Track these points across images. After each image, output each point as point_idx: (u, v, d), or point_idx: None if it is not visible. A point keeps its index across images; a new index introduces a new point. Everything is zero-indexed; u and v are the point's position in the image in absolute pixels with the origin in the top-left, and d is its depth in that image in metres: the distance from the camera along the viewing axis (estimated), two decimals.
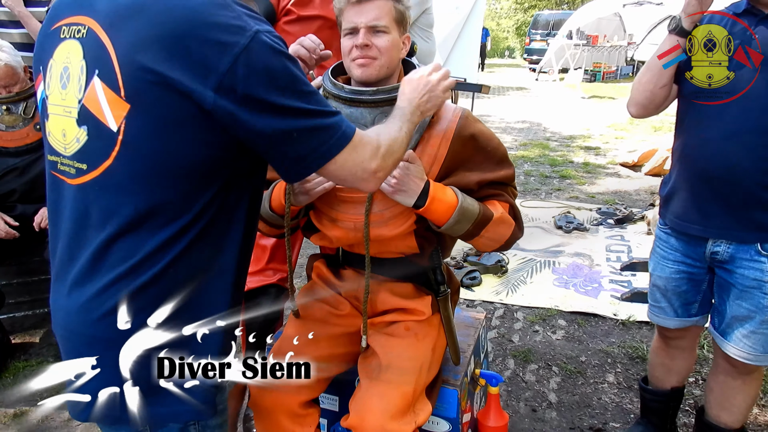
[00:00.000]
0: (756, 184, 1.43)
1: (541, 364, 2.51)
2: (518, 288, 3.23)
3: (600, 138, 7.67)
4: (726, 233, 1.51)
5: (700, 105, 1.49)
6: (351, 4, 1.28)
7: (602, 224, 4.20)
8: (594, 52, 15.34)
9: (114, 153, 0.86)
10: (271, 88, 0.86)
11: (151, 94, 0.83)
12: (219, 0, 0.86)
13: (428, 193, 1.26)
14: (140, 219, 0.88)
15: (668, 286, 1.68)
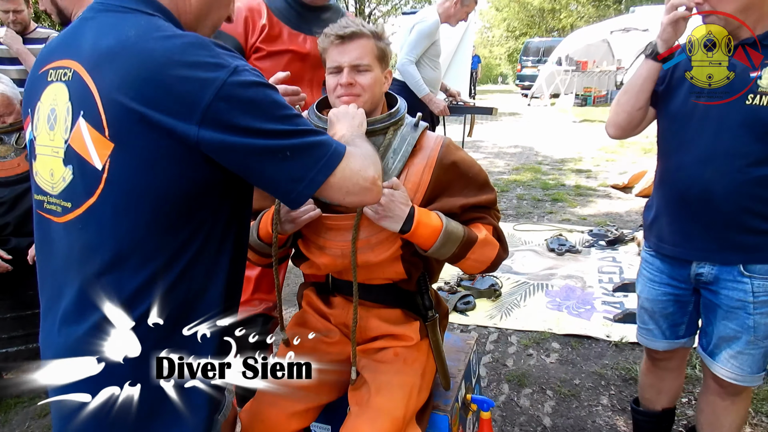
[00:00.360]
0: (735, 207, 1.44)
1: (536, 388, 2.51)
2: (512, 311, 3.24)
3: (591, 161, 7.76)
4: (709, 255, 1.52)
5: (676, 129, 1.52)
6: (335, 45, 1.33)
7: (594, 246, 4.23)
8: (584, 77, 15.58)
9: (98, 191, 0.88)
10: (256, 115, 0.88)
11: (134, 132, 0.85)
12: (197, 41, 0.89)
13: (413, 218, 1.29)
14: (125, 255, 0.89)
15: (655, 308, 1.70)
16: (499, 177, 6.80)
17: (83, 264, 0.91)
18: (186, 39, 0.89)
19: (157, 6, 0.96)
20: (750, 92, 1.39)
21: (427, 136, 1.44)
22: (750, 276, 1.48)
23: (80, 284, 0.91)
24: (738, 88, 1.40)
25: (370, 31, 1.34)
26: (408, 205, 1.30)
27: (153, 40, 0.87)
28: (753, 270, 1.48)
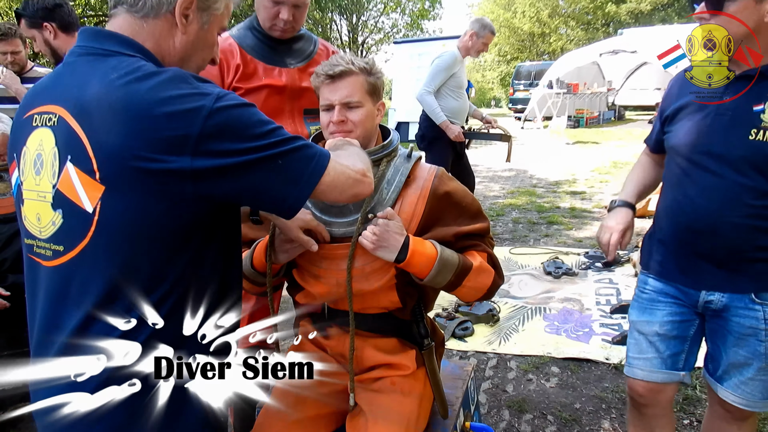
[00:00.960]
0: (743, 240, 1.42)
1: (536, 414, 2.50)
2: (510, 336, 3.24)
3: (585, 182, 7.82)
4: (718, 284, 1.49)
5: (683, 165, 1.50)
6: (325, 84, 1.37)
7: (590, 268, 4.25)
8: (576, 99, 15.82)
9: (90, 234, 0.90)
10: (244, 135, 0.92)
11: (126, 174, 0.87)
12: (177, 75, 0.92)
13: (408, 247, 1.32)
14: (118, 293, 0.90)
15: (659, 331, 1.61)
16: (494, 201, 6.84)
17: (79, 302, 0.92)
18: (167, 74, 0.92)
19: (138, 47, 0.98)
20: (752, 127, 1.37)
21: (420, 167, 1.47)
22: (762, 303, 1.45)
23: (74, 325, 0.92)
24: (740, 120, 1.39)
25: (359, 68, 1.37)
26: (403, 235, 1.32)
27: (136, 81, 0.89)
28: (765, 297, 1.45)
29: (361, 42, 28.36)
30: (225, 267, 1.04)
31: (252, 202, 1.03)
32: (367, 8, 27.18)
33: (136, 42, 0.99)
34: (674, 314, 1.60)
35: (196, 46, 1.05)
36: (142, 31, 0.99)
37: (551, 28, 31.69)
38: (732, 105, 1.40)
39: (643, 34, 15.41)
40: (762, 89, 1.36)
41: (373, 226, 1.32)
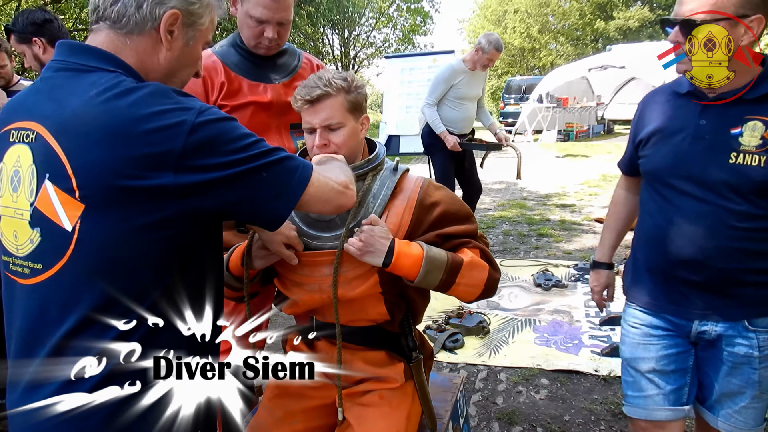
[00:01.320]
0: (733, 266, 1.38)
1: (526, 426, 2.50)
2: (500, 348, 3.24)
3: (575, 195, 7.88)
4: (711, 314, 1.44)
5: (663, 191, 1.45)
6: (305, 108, 1.38)
7: (580, 280, 4.27)
8: (565, 113, 15.95)
9: (69, 252, 0.89)
10: (227, 148, 0.92)
11: (107, 192, 0.86)
12: (158, 90, 0.92)
13: (393, 250, 1.32)
14: (98, 313, 0.89)
15: (656, 367, 1.52)
16: (485, 213, 6.87)
17: (56, 324, 0.90)
18: (147, 89, 0.91)
19: (118, 62, 0.97)
20: (732, 150, 1.34)
21: (407, 178, 1.48)
22: (755, 330, 1.41)
23: (52, 345, 0.90)
24: (719, 143, 1.36)
25: (336, 88, 1.36)
26: (389, 239, 1.33)
27: (115, 97, 0.88)
28: (758, 324, 1.41)
29: (353, 56, 28.56)
30: (208, 285, 1.04)
31: (236, 216, 1.03)
32: (359, 23, 27.42)
33: (116, 57, 0.97)
34: (669, 347, 1.52)
35: (181, 62, 1.05)
36: (125, 48, 0.98)
37: (541, 43, 32.05)
38: (709, 128, 1.37)
39: (631, 50, 15.64)
40: (738, 112, 1.34)
41: (358, 232, 1.33)
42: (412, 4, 27.57)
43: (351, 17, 26.04)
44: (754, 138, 1.31)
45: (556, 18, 32.04)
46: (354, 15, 26.16)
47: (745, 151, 1.32)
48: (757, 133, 1.31)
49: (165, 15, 0.98)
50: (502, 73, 33.46)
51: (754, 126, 1.32)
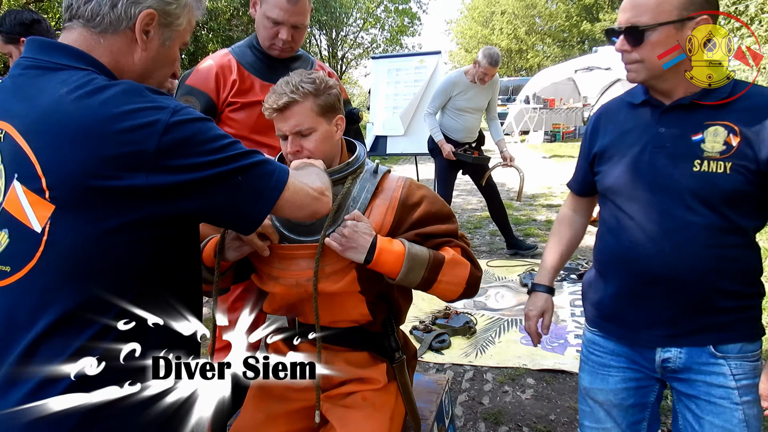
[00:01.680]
0: (704, 287, 1.26)
1: (512, 426, 2.50)
2: (487, 348, 3.25)
3: (561, 196, 7.92)
4: (674, 339, 1.31)
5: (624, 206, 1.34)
6: (274, 117, 1.37)
7: (565, 280, 4.29)
8: (552, 114, 16.05)
9: (38, 254, 0.87)
10: (202, 149, 0.90)
11: (78, 192, 0.84)
12: (131, 88, 0.90)
13: (376, 246, 1.31)
14: (69, 317, 0.87)
15: (614, 400, 1.42)
16: (472, 214, 6.89)
17: (25, 328, 0.88)
18: (119, 87, 0.89)
19: (90, 60, 0.95)
20: (695, 158, 1.25)
21: (389, 179, 1.47)
22: (724, 357, 1.27)
23: (21, 349, 0.88)
24: (681, 152, 1.27)
25: (303, 94, 1.34)
26: (371, 235, 1.32)
27: (87, 96, 0.86)
28: (725, 350, 1.28)
29: (341, 57, 28.53)
30: (184, 285, 1.02)
31: (210, 219, 1.00)
32: (347, 23, 27.41)
33: (87, 55, 0.95)
34: (629, 380, 1.41)
35: (157, 62, 1.03)
36: (99, 47, 0.96)
37: (528, 44, 32.28)
38: (669, 136, 1.28)
39: (617, 52, 15.76)
40: (697, 118, 1.26)
41: (341, 228, 1.32)
42: (400, 5, 27.63)
43: (338, 18, 26.03)
44: (717, 144, 1.24)
45: (543, 20, 32.28)
46: (341, 15, 26.16)
47: (709, 158, 1.23)
48: (720, 138, 1.24)
49: (140, 15, 0.96)
50: None
51: (715, 132, 1.24)
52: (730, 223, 1.24)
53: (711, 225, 1.25)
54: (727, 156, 1.22)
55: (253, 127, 1.92)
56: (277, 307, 1.48)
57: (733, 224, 1.24)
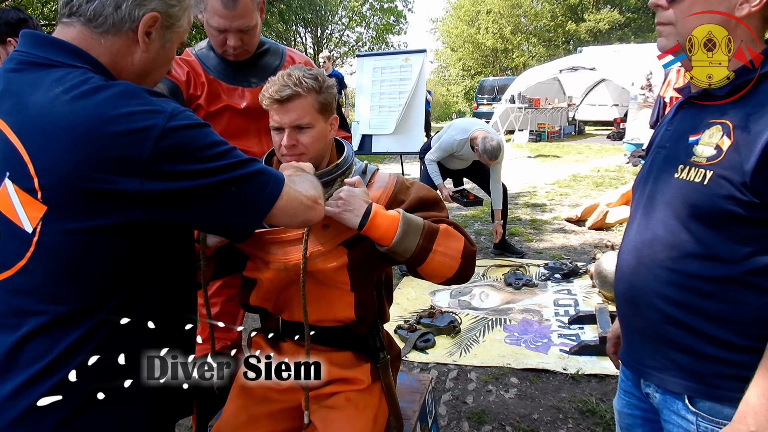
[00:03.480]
0: (660, 315, 1.08)
1: (495, 425, 2.51)
2: (471, 348, 3.25)
3: (545, 195, 7.97)
4: (650, 374, 1.13)
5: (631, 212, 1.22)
6: (274, 107, 1.34)
7: (550, 279, 4.32)
8: (537, 113, 16.15)
9: (28, 254, 0.86)
10: (197, 157, 0.88)
11: (71, 194, 0.83)
12: (128, 90, 0.88)
13: (371, 209, 1.29)
14: (57, 319, 0.86)
15: (621, 423, 1.30)
16: (457, 212, 6.90)
17: (11, 327, 0.87)
18: (116, 89, 0.87)
19: (86, 58, 0.93)
20: (680, 163, 1.06)
21: (379, 174, 1.49)
22: (696, 413, 1.05)
23: (6, 348, 0.87)
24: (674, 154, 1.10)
25: (307, 89, 1.33)
26: (367, 201, 1.30)
27: (83, 96, 0.85)
28: (699, 407, 1.04)
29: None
30: (176, 288, 1.01)
31: (201, 227, 1.01)
32: (332, 21, 27.31)
33: (85, 52, 0.93)
34: (633, 407, 1.25)
35: (156, 63, 1.02)
36: (98, 46, 0.94)
37: (514, 44, 32.41)
38: (672, 135, 1.13)
39: (602, 53, 15.94)
40: (705, 114, 1.06)
41: (338, 192, 1.31)
42: (386, 3, 27.59)
43: (324, 16, 25.92)
44: (708, 147, 1.02)
45: (528, 19, 32.44)
46: (327, 13, 26.05)
47: (693, 164, 1.03)
48: (713, 140, 1.01)
49: (144, 17, 0.95)
50: (475, 74, 33.77)
51: (712, 133, 1.02)
52: (704, 248, 1.01)
53: (678, 245, 1.04)
54: (713, 163, 1.00)
55: (224, 133, 1.79)
56: (264, 298, 1.45)
57: (708, 249, 1.01)
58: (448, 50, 37.15)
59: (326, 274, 1.37)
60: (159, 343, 0.98)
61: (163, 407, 1.02)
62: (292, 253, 1.36)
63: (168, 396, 1.03)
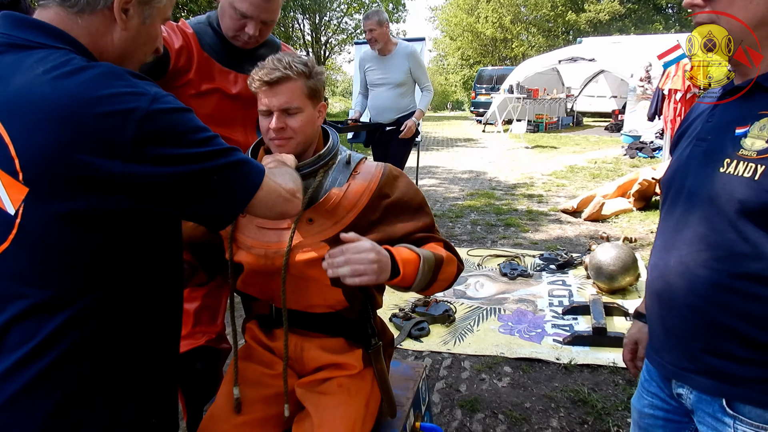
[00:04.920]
0: (701, 319, 1.04)
1: (488, 413, 2.53)
2: (465, 336, 3.27)
3: (542, 186, 7.98)
4: (685, 376, 1.09)
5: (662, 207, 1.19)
6: (263, 90, 1.33)
7: (545, 270, 4.33)
8: (535, 104, 16.13)
9: (11, 236, 0.85)
10: (179, 142, 0.87)
11: (52, 176, 0.82)
12: (110, 71, 0.87)
13: (397, 261, 1.22)
14: (41, 303, 0.86)
15: (641, 423, 1.26)
16: (453, 203, 6.91)
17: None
18: (98, 70, 0.86)
19: (68, 39, 0.91)
20: (726, 156, 0.99)
21: (366, 164, 1.46)
22: (734, 416, 1.01)
23: None
24: (718, 147, 1.03)
25: (297, 72, 1.32)
26: (379, 251, 1.19)
27: (64, 76, 0.83)
28: (740, 410, 1.01)
29: (324, 42, 28.26)
30: (160, 279, 1.01)
31: (180, 214, 0.98)
32: (330, 8, 27.11)
33: (65, 33, 0.91)
34: (656, 408, 1.22)
35: (138, 41, 0.99)
36: (76, 27, 0.92)
37: (513, 34, 32.27)
38: (713, 127, 1.07)
39: (601, 43, 15.90)
40: (753, 106, 1.00)
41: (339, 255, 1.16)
42: None
43: (322, 2, 25.73)
44: (759, 140, 0.95)
45: (528, 9, 32.29)
46: (325, 0, 25.85)
47: (742, 158, 0.97)
48: (765, 132, 0.95)
49: None
50: (474, 63, 33.64)
51: (763, 125, 0.96)
52: (752, 247, 0.96)
53: (723, 244, 0.99)
54: (765, 157, 0.94)
55: (210, 116, 1.72)
56: (246, 283, 1.44)
57: (756, 249, 0.96)
58: (447, 39, 36.98)
59: (304, 267, 1.36)
60: (145, 333, 0.98)
61: (154, 395, 1.02)
62: (273, 240, 1.36)
63: (159, 384, 1.03)
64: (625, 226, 5.56)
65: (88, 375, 0.89)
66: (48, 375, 0.86)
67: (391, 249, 1.26)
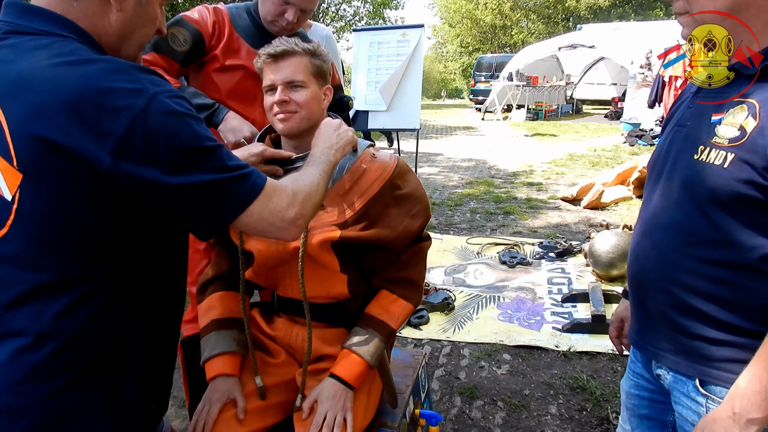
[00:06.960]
0: (670, 300, 1.07)
1: (487, 400, 2.54)
2: (464, 324, 3.28)
3: (542, 174, 7.97)
4: (662, 356, 1.12)
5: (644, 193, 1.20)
6: (268, 64, 1.35)
7: (544, 258, 4.34)
8: (535, 92, 16.07)
9: (9, 222, 0.85)
10: (173, 147, 0.85)
11: (44, 162, 0.82)
12: (116, 66, 0.86)
13: (348, 383, 1.36)
14: (41, 287, 0.86)
15: (627, 404, 1.30)
16: (453, 191, 6.91)
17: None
18: (102, 64, 0.85)
19: (72, 27, 0.90)
20: (700, 144, 1.01)
21: (380, 153, 1.48)
22: (707, 396, 1.04)
23: None
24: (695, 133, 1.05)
25: (302, 49, 1.36)
26: (341, 398, 1.34)
27: (66, 66, 0.83)
28: (712, 391, 1.04)
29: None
30: (164, 264, 1.00)
31: (165, 215, 0.95)
32: None
33: (70, 20, 0.90)
34: (641, 388, 1.25)
35: (136, 22, 0.97)
36: (72, 10, 0.91)
37: (513, 20, 32.03)
38: (693, 113, 1.08)
39: (601, 30, 15.81)
40: (732, 92, 1.01)
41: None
42: None
43: None
44: (731, 127, 0.97)
45: None
46: None
47: (714, 145, 0.98)
48: (737, 120, 0.96)
49: None
50: (473, 51, 33.44)
51: (736, 112, 0.97)
52: (720, 234, 0.99)
53: (692, 230, 1.02)
54: (735, 145, 0.95)
55: (232, 91, 1.84)
56: (255, 272, 1.45)
57: (724, 236, 0.98)
58: (446, 26, 36.70)
59: (319, 251, 1.37)
60: (147, 316, 0.98)
61: (155, 380, 1.03)
62: None
63: (158, 368, 1.03)
64: (624, 213, 5.56)
65: (90, 360, 0.90)
66: (51, 359, 0.87)
67: (340, 375, 1.36)
